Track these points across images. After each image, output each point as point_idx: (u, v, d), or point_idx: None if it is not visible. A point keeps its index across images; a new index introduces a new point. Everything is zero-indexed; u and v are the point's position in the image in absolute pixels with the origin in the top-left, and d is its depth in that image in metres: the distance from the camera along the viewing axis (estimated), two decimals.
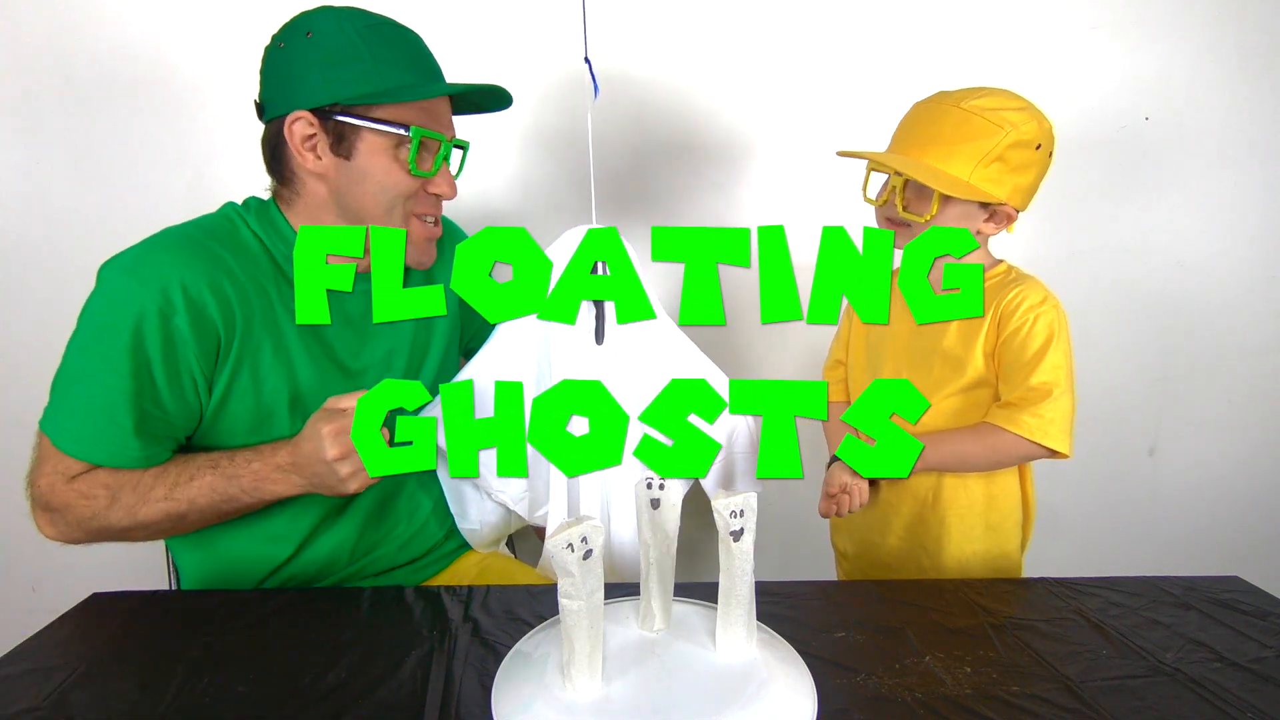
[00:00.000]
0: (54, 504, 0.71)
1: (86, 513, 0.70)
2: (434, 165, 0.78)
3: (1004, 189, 0.80)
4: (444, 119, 0.79)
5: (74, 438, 0.70)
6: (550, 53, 1.28)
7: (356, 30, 0.73)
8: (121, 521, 0.70)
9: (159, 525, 0.71)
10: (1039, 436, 0.79)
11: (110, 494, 0.70)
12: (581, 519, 0.48)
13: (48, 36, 1.22)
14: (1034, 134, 0.79)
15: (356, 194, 0.76)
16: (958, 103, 0.80)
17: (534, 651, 0.57)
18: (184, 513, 0.71)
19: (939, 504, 0.88)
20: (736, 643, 0.55)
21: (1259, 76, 1.36)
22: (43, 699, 0.54)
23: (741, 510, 0.52)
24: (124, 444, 0.69)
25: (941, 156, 0.79)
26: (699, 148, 1.35)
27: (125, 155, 1.26)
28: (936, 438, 0.84)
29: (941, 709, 0.52)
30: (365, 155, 0.75)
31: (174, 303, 0.68)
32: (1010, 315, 0.82)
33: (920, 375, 0.88)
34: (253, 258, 0.76)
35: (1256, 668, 0.58)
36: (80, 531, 0.72)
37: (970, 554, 0.89)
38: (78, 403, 0.70)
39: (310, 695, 0.54)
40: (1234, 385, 1.47)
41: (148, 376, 0.69)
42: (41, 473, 0.72)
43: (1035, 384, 0.80)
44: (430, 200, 0.81)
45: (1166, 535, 1.53)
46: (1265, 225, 1.41)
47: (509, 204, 1.35)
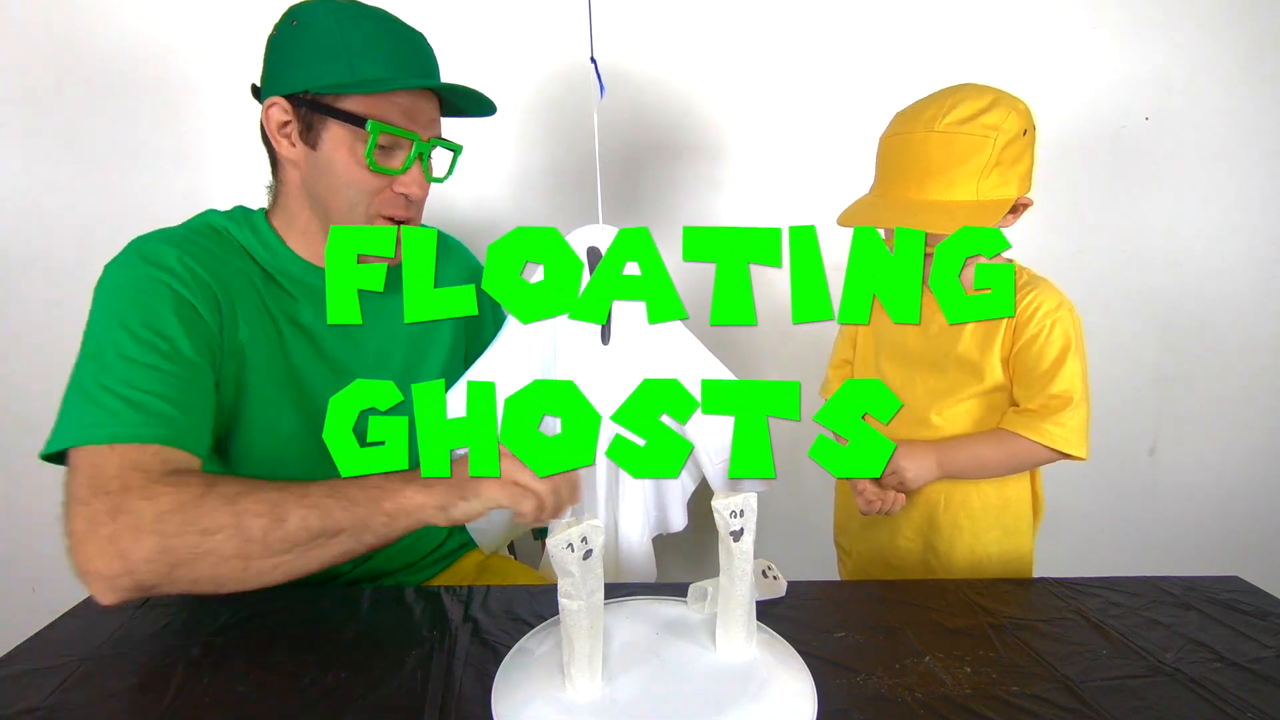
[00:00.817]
0: (143, 517, 0.56)
1: (205, 520, 0.56)
2: (404, 163, 0.75)
3: (1011, 186, 0.78)
4: (421, 117, 0.76)
5: (140, 420, 0.61)
6: (553, 54, 1.28)
7: (339, 20, 0.72)
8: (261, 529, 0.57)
9: (298, 540, 0.58)
10: (1062, 445, 0.79)
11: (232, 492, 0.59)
12: (582, 519, 0.48)
13: (46, 35, 1.22)
14: (1017, 125, 0.77)
15: (321, 185, 0.76)
16: (931, 128, 0.76)
17: (534, 651, 0.57)
18: (327, 528, 0.59)
19: (951, 507, 0.88)
20: (736, 643, 0.55)
21: (1259, 76, 1.36)
22: (43, 699, 0.54)
23: (741, 510, 0.52)
24: (185, 423, 0.63)
25: (941, 188, 0.76)
26: (702, 147, 1.35)
27: (122, 155, 1.26)
28: (953, 444, 0.84)
29: (941, 709, 0.52)
30: (329, 146, 0.74)
31: (180, 275, 0.68)
32: (1027, 321, 0.81)
33: (934, 379, 0.88)
34: (237, 251, 0.76)
35: (1256, 668, 0.58)
36: (168, 561, 0.55)
37: (983, 556, 0.88)
38: (119, 384, 0.62)
39: (310, 695, 0.54)
40: (1234, 385, 1.47)
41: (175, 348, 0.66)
42: (104, 488, 0.57)
43: (1057, 392, 0.80)
44: (398, 200, 0.77)
45: (1166, 535, 1.53)
46: (1265, 225, 1.42)
47: (513, 204, 1.35)
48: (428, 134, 0.76)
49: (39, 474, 0.66)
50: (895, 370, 0.92)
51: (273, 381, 0.76)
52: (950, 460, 0.84)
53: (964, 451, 0.84)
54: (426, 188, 0.78)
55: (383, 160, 0.75)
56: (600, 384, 0.86)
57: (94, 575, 0.56)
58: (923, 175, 0.77)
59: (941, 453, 0.84)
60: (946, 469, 0.84)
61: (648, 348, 0.86)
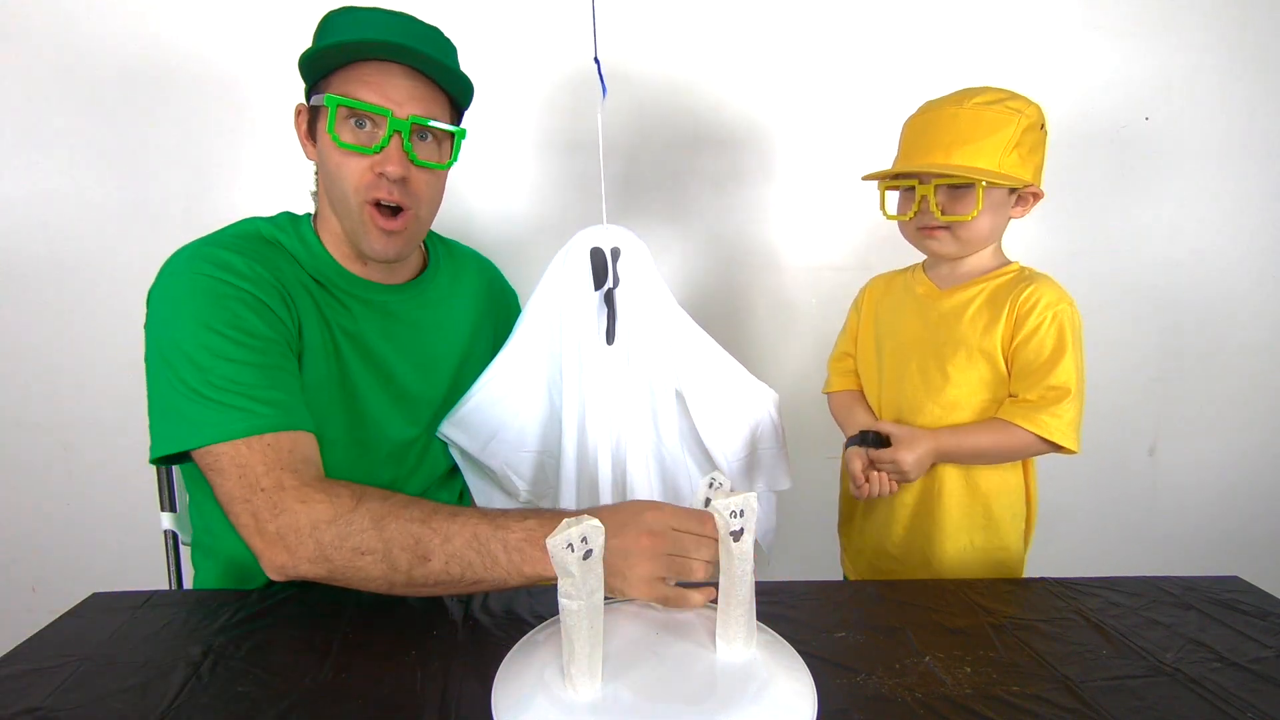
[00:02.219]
0: (300, 520, 0.62)
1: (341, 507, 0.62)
2: (382, 140, 0.72)
3: (1028, 171, 0.83)
4: (395, 93, 0.73)
5: (265, 412, 0.65)
6: (555, 56, 1.29)
7: (342, 14, 0.74)
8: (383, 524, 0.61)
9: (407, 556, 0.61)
10: (1057, 436, 0.81)
11: (355, 496, 0.63)
12: (582, 519, 0.48)
13: (51, 35, 1.22)
14: (1037, 115, 0.83)
15: (325, 180, 0.77)
16: (959, 105, 0.82)
17: (534, 651, 0.57)
18: (466, 579, 0.61)
19: (941, 495, 0.89)
20: (736, 643, 0.55)
21: (1259, 76, 1.36)
22: (43, 699, 0.53)
23: (741, 510, 0.52)
24: (297, 407, 0.68)
25: (969, 155, 0.80)
26: (707, 147, 1.35)
27: (132, 156, 1.26)
28: (951, 433, 0.86)
29: (941, 709, 0.52)
30: (321, 135, 0.75)
31: (251, 278, 0.70)
32: (1027, 313, 0.83)
33: (933, 369, 0.89)
34: (289, 260, 0.77)
35: (1256, 668, 0.58)
36: (327, 568, 0.62)
37: (967, 546, 0.89)
38: (227, 383, 0.65)
39: (310, 695, 0.54)
40: (1234, 385, 1.47)
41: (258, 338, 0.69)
42: (258, 485, 0.63)
43: (1054, 384, 0.81)
44: (380, 182, 0.74)
45: (1166, 535, 1.53)
46: (1265, 224, 1.42)
47: (515, 205, 1.35)
48: (404, 111, 0.73)
49: (39, 474, 0.66)
50: (894, 361, 0.93)
51: (325, 389, 0.76)
52: (947, 448, 0.85)
53: (961, 439, 0.85)
54: (407, 166, 0.74)
55: (356, 139, 0.73)
56: (606, 383, 0.86)
57: (267, 562, 0.63)
58: (951, 143, 0.81)
59: (939, 440, 0.85)
60: (944, 455, 0.86)
61: (655, 351, 0.87)
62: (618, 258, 0.85)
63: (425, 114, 0.74)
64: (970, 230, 0.84)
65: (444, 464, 0.90)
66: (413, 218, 0.78)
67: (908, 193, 0.87)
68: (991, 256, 0.90)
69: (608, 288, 0.85)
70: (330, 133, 0.72)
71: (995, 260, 0.90)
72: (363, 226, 0.76)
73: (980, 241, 0.86)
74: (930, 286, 0.93)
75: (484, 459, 0.88)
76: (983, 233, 0.85)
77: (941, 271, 0.92)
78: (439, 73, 0.75)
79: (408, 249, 0.80)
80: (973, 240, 0.86)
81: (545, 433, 0.91)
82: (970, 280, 0.89)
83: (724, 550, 0.54)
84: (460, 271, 0.94)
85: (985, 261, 0.89)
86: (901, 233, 0.91)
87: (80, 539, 1.35)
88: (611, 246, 0.85)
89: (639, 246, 0.87)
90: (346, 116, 0.73)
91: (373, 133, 0.74)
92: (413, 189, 0.76)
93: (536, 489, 0.92)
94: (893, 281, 0.99)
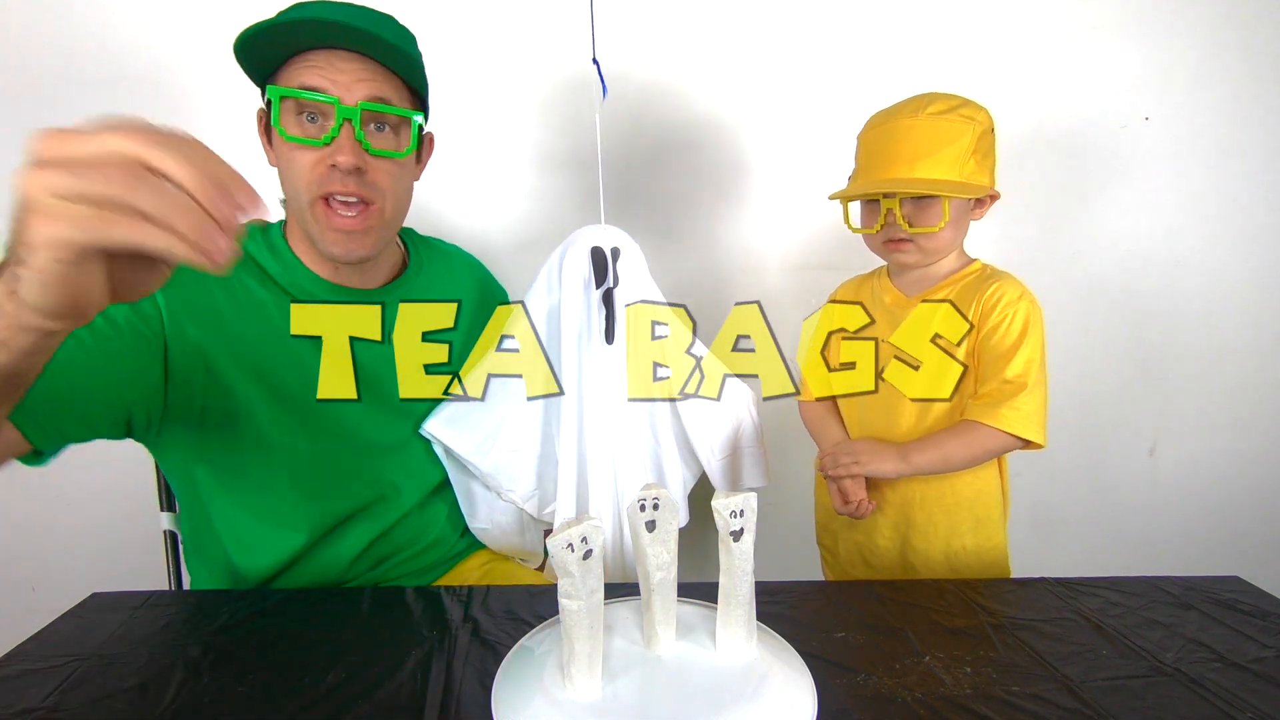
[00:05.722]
0: None
1: None
2: (331, 130, 0.68)
3: (986, 177, 0.84)
4: (342, 78, 0.69)
5: None
6: (555, 57, 1.28)
7: (289, 9, 0.70)
8: None
9: None
10: (1018, 429, 0.81)
11: None
12: (582, 518, 0.48)
13: (38, 35, 1.22)
14: (988, 120, 0.84)
15: (280, 176, 0.74)
16: (914, 116, 0.83)
17: (534, 651, 0.57)
18: None
19: (926, 502, 0.89)
20: (736, 643, 0.55)
21: (1259, 76, 1.36)
22: (43, 699, 0.53)
23: (741, 510, 0.52)
24: None
25: (930, 168, 0.81)
26: (702, 151, 1.35)
27: None
28: (919, 444, 0.86)
29: (941, 709, 0.52)
30: (275, 136, 0.72)
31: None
32: (991, 310, 0.84)
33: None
34: (252, 269, 0.76)
35: (1256, 668, 0.58)
36: None
37: (959, 548, 0.89)
38: None
39: (310, 695, 0.54)
40: (1234, 385, 1.47)
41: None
42: None
43: (1010, 377, 0.82)
44: (332, 175, 0.70)
45: (1166, 535, 1.53)
46: (1265, 225, 1.41)
47: (515, 206, 1.35)
48: (353, 96, 0.69)
49: (39, 474, 0.66)
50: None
51: (277, 403, 0.74)
52: (913, 455, 0.85)
53: (930, 450, 0.85)
54: (361, 156, 0.70)
55: (305, 131, 0.70)
56: (604, 382, 0.86)
57: None
58: (913, 157, 0.82)
59: (903, 448, 0.86)
60: (911, 463, 0.85)
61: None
62: (617, 257, 0.85)
63: (376, 96, 0.70)
64: (936, 240, 0.85)
65: (433, 469, 0.89)
66: (377, 212, 0.73)
67: (871, 204, 0.88)
68: (955, 259, 0.90)
69: (607, 287, 0.85)
70: (276, 125, 0.69)
71: (959, 261, 0.91)
72: (317, 225, 0.72)
73: (945, 249, 0.87)
74: (898, 295, 0.93)
75: (474, 459, 0.87)
76: (948, 241, 0.86)
77: (908, 279, 0.92)
78: (387, 54, 0.71)
79: (375, 248, 0.75)
80: (939, 249, 0.87)
81: (542, 433, 0.91)
82: (936, 285, 0.89)
83: (724, 550, 0.54)
84: (447, 270, 0.92)
85: (949, 264, 0.90)
86: (867, 245, 0.92)
87: (80, 539, 1.35)
88: (612, 246, 0.85)
89: (635, 247, 0.87)
90: (295, 110, 0.70)
91: (323, 125, 0.70)
92: (372, 180, 0.72)
93: (527, 490, 0.91)
94: (860, 289, 0.99)
